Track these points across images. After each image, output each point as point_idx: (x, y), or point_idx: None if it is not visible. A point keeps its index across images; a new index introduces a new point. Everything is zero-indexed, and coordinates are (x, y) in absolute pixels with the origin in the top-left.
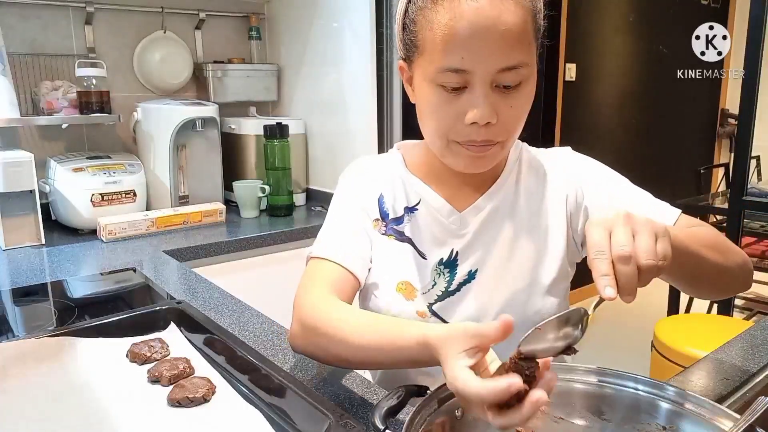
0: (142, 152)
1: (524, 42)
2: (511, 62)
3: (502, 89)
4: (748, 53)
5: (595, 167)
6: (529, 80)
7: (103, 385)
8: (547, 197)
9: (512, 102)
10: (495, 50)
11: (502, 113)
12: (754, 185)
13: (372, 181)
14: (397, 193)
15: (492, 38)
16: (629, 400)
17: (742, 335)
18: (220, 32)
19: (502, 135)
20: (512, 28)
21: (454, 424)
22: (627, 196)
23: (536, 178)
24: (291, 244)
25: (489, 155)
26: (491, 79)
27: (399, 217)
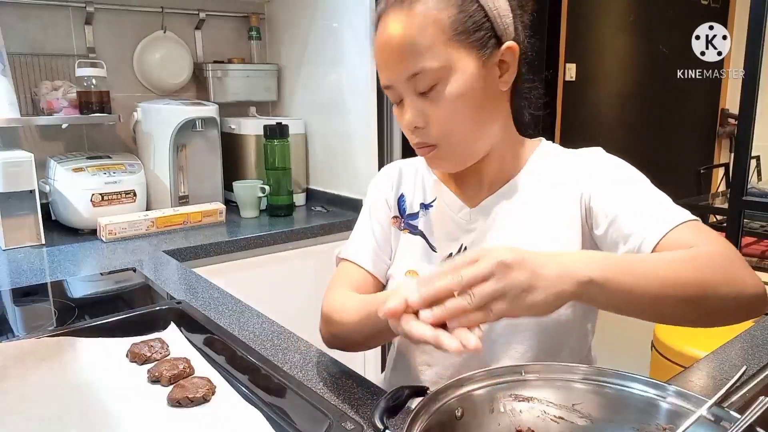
0: (142, 152)
1: (421, 49)
2: (411, 69)
3: (426, 95)
4: (748, 53)
5: (611, 167)
6: (447, 81)
7: (103, 385)
8: (561, 197)
9: (437, 104)
10: (396, 63)
11: (432, 116)
12: (754, 185)
13: (396, 182)
14: (417, 191)
15: (392, 53)
16: (629, 400)
17: (742, 335)
18: (220, 32)
19: (435, 137)
20: (407, 40)
21: (454, 424)
22: (629, 199)
23: (553, 178)
24: (291, 244)
25: (436, 156)
26: (410, 88)
27: (415, 213)
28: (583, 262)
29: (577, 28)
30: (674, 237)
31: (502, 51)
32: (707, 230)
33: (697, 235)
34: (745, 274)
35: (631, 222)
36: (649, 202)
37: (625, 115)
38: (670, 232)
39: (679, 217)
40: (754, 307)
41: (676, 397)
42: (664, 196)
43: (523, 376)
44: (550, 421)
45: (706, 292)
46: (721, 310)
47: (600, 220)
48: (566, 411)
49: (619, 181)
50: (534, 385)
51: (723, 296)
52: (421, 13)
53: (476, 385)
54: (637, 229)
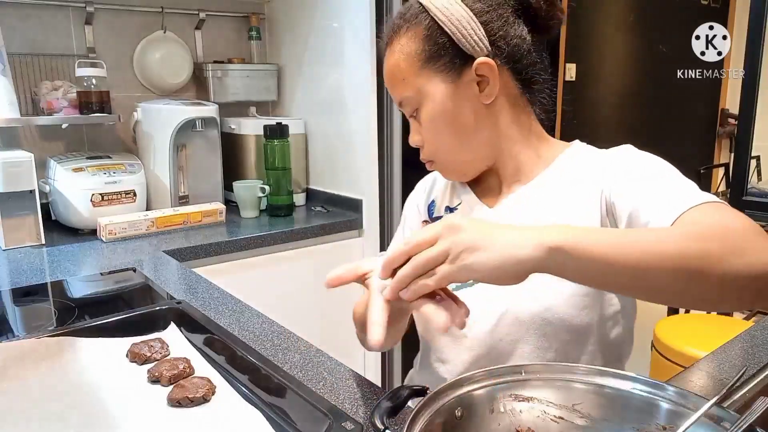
0: (142, 152)
1: (398, 81)
2: (397, 98)
3: (414, 118)
4: (748, 53)
5: (634, 162)
6: (423, 106)
7: (103, 385)
8: (581, 195)
9: (422, 126)
10: (391, 91)
11: (423, 137)
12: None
13: (429, 188)
14: (446, 196)
15: (387, 85)
16: (629, 400)
17: (742, 335)
18: (220, 32)
19: (429, 154)
20: (389, 73)
21: (454, 424)
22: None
23: (575, 177)
24: (291, 244)
25: (438, 169)
26: (405, 112)
27: (440, 216)
28: (551, 230)
29: (577, 28)
30: (692, 215)
31: (476, 67)
32: (731, 209)
33: (719, 212)
34: (761, 244)
35: (651, 209)
36: (670, 192)
37: (625, 115)
38: (687, 211)
39: (699, 198)
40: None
41: (676, 397)
42: (690, 185)
43: (523, 376)
44: (550, 421)
45: (706, 262)
46: (730, 284)
47: (621, 215)
48: (566, 411)
49: (641, 175)
50: (534, 385)
51: (730, 268)
52: (397, 50)
53: (476, 385)
54: (656, 214)
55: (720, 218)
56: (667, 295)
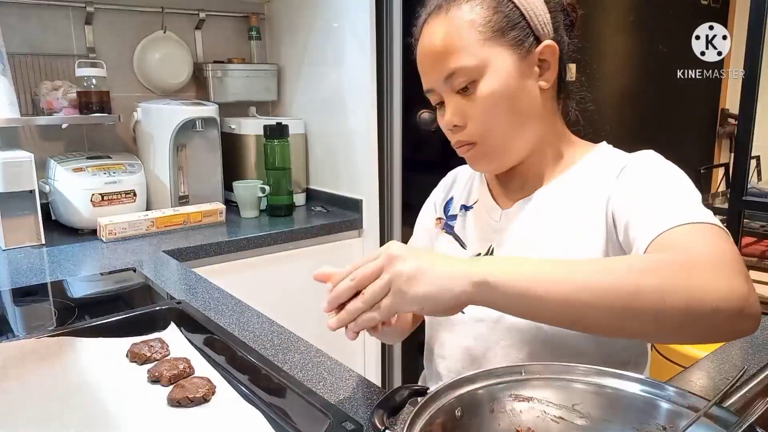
0: (142, 152)
1: (456, 50)
2: (447, 70)
3: (464, 93)
4: (748, 53)
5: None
6: (483, 78)
7: (103, 385)
8: (590, 200)
9: (474, 102)
10: (434, 65)
11: (469, 114)
12: (754, 185)
13: (449, 186)
14: (464, 194)
15: (431, 57)
16: (629, 400)
17: None
18: (220, 32)
19: (474, 135)
20: (443, 42)
21: (454, 424)
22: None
23: (590, 181)
24: (291, 244)
25: (475, 154)
26: (448, 88)
27: (455, 215)
28: (485, 263)
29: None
30: (667, 238)
31: (541, 49)
32: (713, 234)
33: (696, 237)
34: (719, 283)
35: (639, 226)
36: (664, 205)
37: (625, 115)
38: (666, 232)
39: (685, 218)
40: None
41: (676, 397)
42: (691, 200)
43: (523, 376)
44: (550, 421)
45: (639, 299)
46: (668, 321)
47: (620, 225)
48: (566, 411)
49: (646, 185)
50: (534, 385)
51: (668, 305)
52: (457, 17)
53: (476, 385)
54: (640, 232)
55: (693, 245)
56: (601, 329)
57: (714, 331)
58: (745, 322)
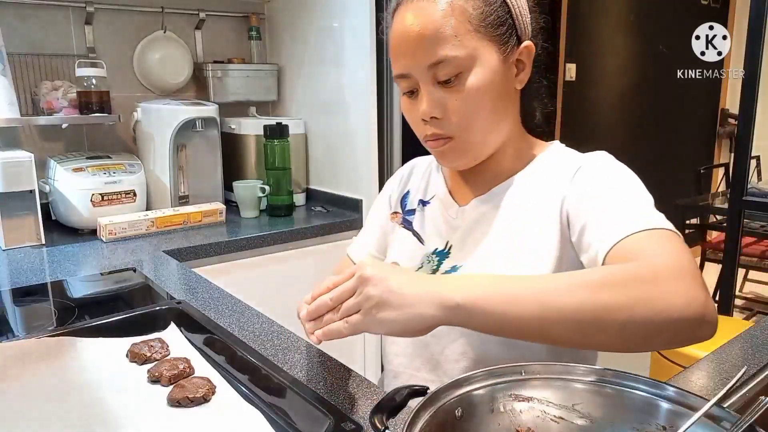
0: (142, 152)
1: (446, 37)
2: (433, 57)
3: (445, 85)
4: (748, 53)
5: (598, 172)
6: (469, 72)
7: (103, 385)
8: (545, 200)
9: (457, 95)
10: (418, 50)
11: (450, 107)
12: (754, 185)
13: (405, 179)
14: (421, 188)
15: (415, 40)
16: (629, 400)
17: (742, 335)
18: (220, 32)
19: (452, 129)
20: (431, 27)
21: (454, 424)
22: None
23: (545, 181)
24: (291, 244)
25: (449, 150)
26: (429, 77)
27: (413, 209)
28: (454, 285)
29: (577, 28)
30: (627, 245)
31: (521, 50)
32: (668, 240)
33: (653, 244)
34: (679, 293)
35: (594, 231)
36: (620, 210)
37: (625, 115)
38: (624, 239)
39: (640, 225)
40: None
41: (676, 397)
42: (644, 203)
43: (523, 376)
44: (550, 421)
45: (604, 315)
46: (632, 333)
47: (574, 227)
48: (566, 411)
49: (600, 187)
50: (534, 385)
51: (632, 318)
52: (447, 2)
53: (476, 385)
54: (596, 238)
55: (651, 254)
56: (570, 343)
57: (676, 339)
58: (704, 329)
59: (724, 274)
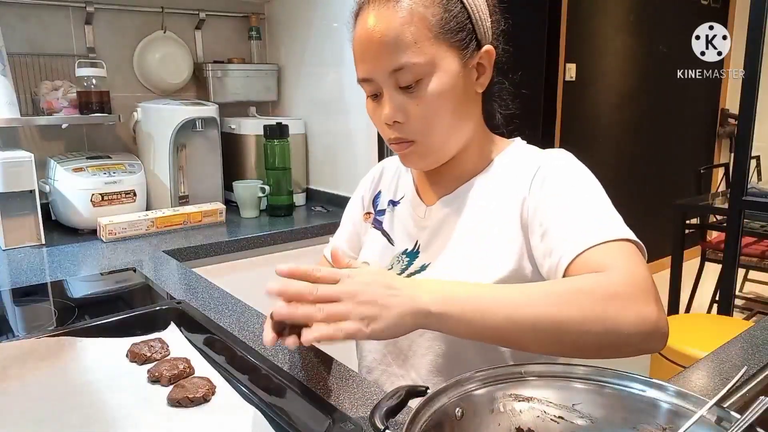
0: (142, 152)
1: (406, 44)
2: (394, 64)
3: (407, 90)
4: (748, 53)
5: (558, 174)
6: (429, 78)
7: (103, 385)
8: (507, 200)
9: (418, 101)
10: (379, 56)
11: (411, 112)
12: (754, 185)
13: (377, 180)
14: (391, 188)
15: (376, 46)
16: (629, 400)
17: (742, 335)
18: (220, 32)
19: (414, 133)
20: (392, 34)
21: (454, 424)
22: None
23: (507, 180)
24: (291, 244)
25: (411, 152)
26: (391, 82)
27: (383, 210)
28: (429, 295)
29: (577, 28)
30: (589, 257)
31: (481, 54)
32: (627, 254)
33: (611, 259)
34: (632, 311)
35: (556, 237)
36: (581, 217)
37: (625, 115)
38: (586, 251)
39: (602, 236)
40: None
41: (676, 397)
42: (605, 211)
43: (523, 376)
44: (550, 421)
45: (559, 329)
46: (585, 346)
47: (534, 230)
48: (566, 411)
49: (560, 191)
50: (534, 385)
51: (586, 334)
52: (407, 9)
53: (476, 385)
54: (559, 245)
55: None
56: (531, 350)
57: (627, 351)
58: (654, 343)
59: (724, 274)
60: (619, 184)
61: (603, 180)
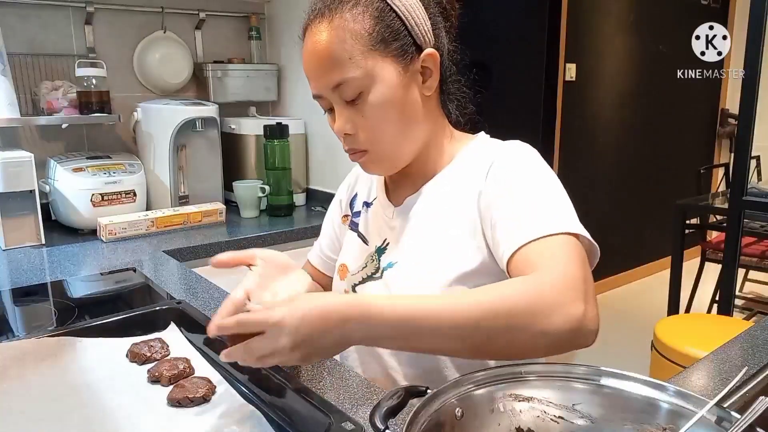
0: (142, 152)
1: (342, 60)
2: (334, 80)
3: (352, 103)
4: (748, 53)
5: (511, 167)
6: (370, 89)
7: (104, 385)
8: (465, 195)
9: (363, 112)
10: (321, 73)
11: (359, 124)
12: (754, 185)
13: (354, 183)
14: (365, 190)
15: (316, 64)
16: (629, 400)
17: (742, 335)
18: (220, 32)
19: (365, 143)
20: (328, 51)
21: (454, 424)
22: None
23: (466, 175)
24: (291, 244)
25: (366, 161)
26: (336, 97)
27: (359, 212)
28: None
29: (577, 28)
30: (527, 252)
31: (423, 58)
32: (564, 249)
33: (546, 255)
34: (557, 313)
35: (502, 230)
36: (525, 211)
37: (625, 115)
38: (525, 246)
39: (542, 230)
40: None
41: (676, 397)
42: (552, 203)
43: (523, 376)
44: (550, 421)
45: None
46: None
47: (487, 224)
48: (566, 411)
49: (510, 184)
50: (534, 385)
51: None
52: (340, 26)
53: (476, 385)
54: (503, 239)
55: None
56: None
57: (555, 350)
58: (581, 340)
59: (724, 274)
60: (619, 184)
61: (603, 180)
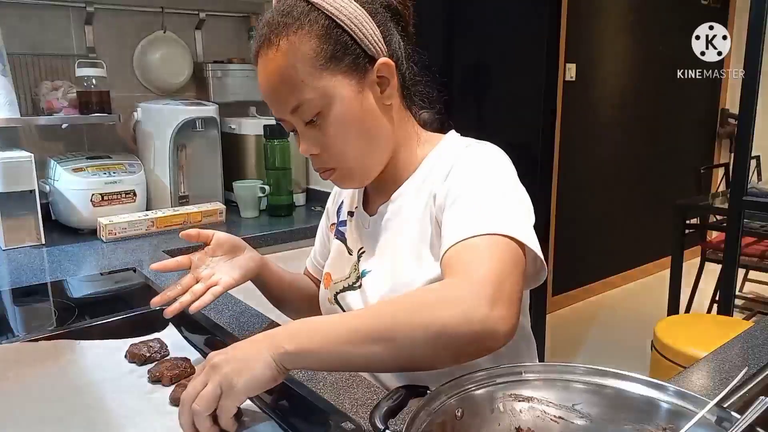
0: (142, 152)
1: (295, 83)
2: (291, 104)
3: (313, 124)
4: (748, 53)
5: (465, 168)
6: (329, 109)
7: (104, 385)
8: (426, 201)
9: (325, 132)
10: (277, 99)
11: (323, 143)
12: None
13: (339, 192)
14: (349, 199)
15: (269, 92)
16: (629, 400)
17: (742, 335)
18: (220, 32)
19: (331, 161)
20: (280, 77)
21: (454, 424)
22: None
23: (430, 178)
24: (291, 244)
25: (336, 178)
26: (296, 120)
27: (344, 220)
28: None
29: (577, 28)
30: (456, 252)
31: (377, 68)
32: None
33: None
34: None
35: (444, 230)
36: (464, 211)
37: (625, 115)
38: (455, 245)
39: (474, 229)
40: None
41: (676, 397)
42: (494, 204)
43: (523, 376)
44: (550, 421)
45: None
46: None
47: (438, 225)
48: (566, 411)
49: (462, 187)
50: (534, 385)
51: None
52: (287, 50)
53: (476, 385)
54: (443, 238)
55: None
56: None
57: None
58: (488, 342)
59: (724, 274)
60: (620, 184)
61: (603, 180)
